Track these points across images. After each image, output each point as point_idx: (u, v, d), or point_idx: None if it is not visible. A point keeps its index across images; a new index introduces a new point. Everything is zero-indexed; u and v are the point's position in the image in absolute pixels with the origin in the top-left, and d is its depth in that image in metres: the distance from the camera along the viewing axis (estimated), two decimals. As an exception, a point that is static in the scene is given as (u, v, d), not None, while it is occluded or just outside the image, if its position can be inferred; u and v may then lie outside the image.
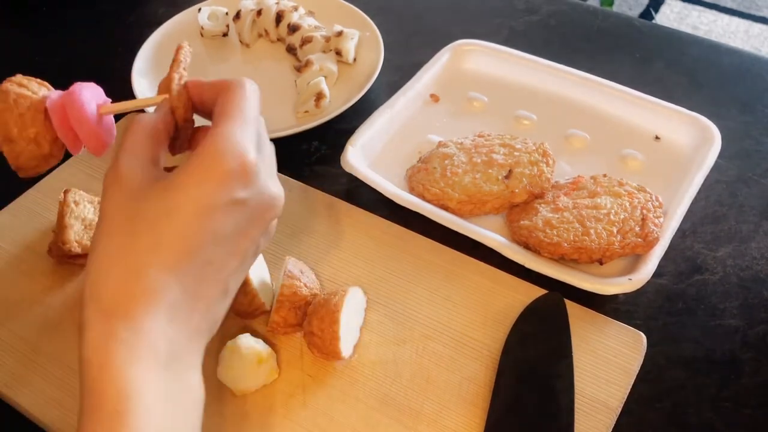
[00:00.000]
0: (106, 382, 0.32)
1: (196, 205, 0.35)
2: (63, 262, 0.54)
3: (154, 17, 0.82)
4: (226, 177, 0.35)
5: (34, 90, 0.42)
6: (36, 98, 0.41)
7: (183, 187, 0.35)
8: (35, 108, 0.40)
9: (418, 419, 0.45)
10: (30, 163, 0.41)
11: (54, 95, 0.41)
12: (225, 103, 0.38)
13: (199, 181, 0.35)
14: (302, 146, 0.66)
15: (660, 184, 0.58)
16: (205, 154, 0.35)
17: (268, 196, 0.37)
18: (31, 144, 0.41)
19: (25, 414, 0.47)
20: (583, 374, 0.47)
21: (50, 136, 0.41)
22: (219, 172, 0.35)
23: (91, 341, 0.33)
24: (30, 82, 0.42)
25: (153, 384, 0.32)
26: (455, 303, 0.51)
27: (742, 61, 0.74)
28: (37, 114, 0.40)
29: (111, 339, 0.32)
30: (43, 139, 0.41)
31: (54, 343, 0.50)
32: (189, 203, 0.34)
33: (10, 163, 0.41)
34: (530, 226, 0.54)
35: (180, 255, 0.34)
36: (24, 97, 0.41)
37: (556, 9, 0.81)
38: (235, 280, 0.39)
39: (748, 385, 0.48)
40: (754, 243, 0.57)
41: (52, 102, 0.41)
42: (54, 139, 0.41)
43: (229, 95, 0.38)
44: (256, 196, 0.36)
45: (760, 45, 2.00)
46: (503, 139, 0.61)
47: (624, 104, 0.65)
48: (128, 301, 0.33)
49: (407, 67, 0.70)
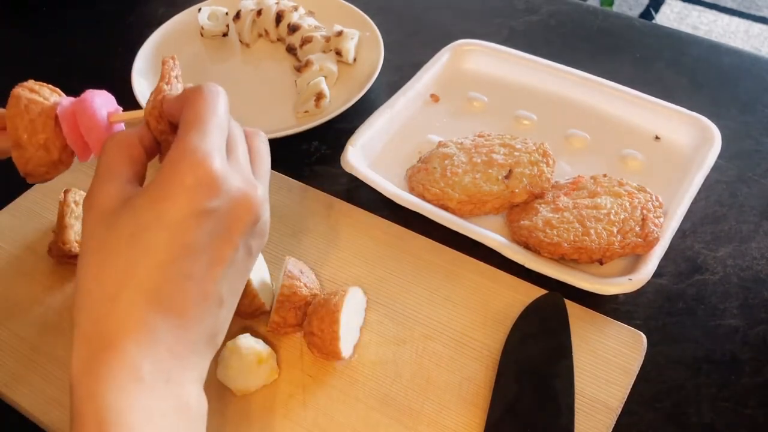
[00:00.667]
0: (87, 407, 0.32)
1: (162, 222, 0.34)
2: (63, 262, 0.54)
3: (154, 17, 0.82)
4: (189, 189, 0.34)
5: (45, 96, 0.41)
6: (47, 104, 0.41)
7: (147, 205, 0.35)
8: (46, 114, 0.40)
9: (418, 419, 0.45)
10: (39, 169, 0.41)
11: (65, 102, 0.41)
12: (186, 113, 0.37)
13: (163, 197, 0.34)
14: (302, 146, 0.66)
15: (660, 184, 0.58)
16: (166, 169, 0.35)
17: (242, 199, 0.36)
18: (40, 150, 0.40)
19: (25, 414, 0.47)
20: (583, 374, 0.47)
21: (60, 142, 0.41)
22: (180, 185, 0.34)
23: (75, 365, 0.33)
24: (42, 88, 0.42)
25: (138, 406, 0.32)
26: (455, 303, 0.51)
27: (742, 61, 0.74)
28: (47, 120, 0.40)
29: (92, 363, 0.32)
30: (53, 145, 0.41)
31: (54, 343, 0.50)
32: (154, 221, 0.34)
33: (18, 169, 0.41)
34: (530, 226, 0.54)
35: (153, 274, 0.34)
36: (35, 103, 0.40)
37: (556, 9, 0.81)
38: (230, 288, 0.38)
39: (748, 385, 0.48)
40: (755, 243, 0.57)
41: (63, 109, 0.40)
42: (64, 146, 0.41)
43: (190, 104, 0.37)
44: (228, 202, 0.36)
45: (760, 45, 2.00)
46: (503, 139, 0.61)
47: (624, 104, 0.65)
48: (106, 327, 0.33)
49: (407, 67, 0.70)
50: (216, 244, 0.36)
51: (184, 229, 0.34)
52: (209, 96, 0.38)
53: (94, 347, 0.33)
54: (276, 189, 0.60)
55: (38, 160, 0.41)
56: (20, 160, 0.41)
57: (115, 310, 0.33)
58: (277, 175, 0.61)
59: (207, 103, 0.37)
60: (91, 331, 0.33)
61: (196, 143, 0.35)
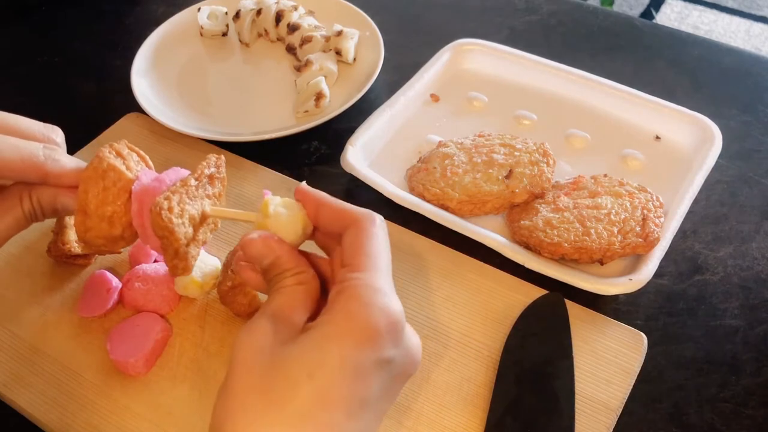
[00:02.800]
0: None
1: (344, 363, 0.30)
2: (62, 262, 0.54)
3: (154, 17, 0.82)
4: (376, 335, 0.31)
5: (129, 165, 0.39)
6: (126, 176, 0.38)
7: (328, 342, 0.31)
8: (122, 187, 0.38)
9: (418, 419, 0.45)
10: (97, 240, 0.39)
11: (145, 179, 0.38)
12: (358, 245, 0.34)
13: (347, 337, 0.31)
14: (302, 146, 0.66)
15: (661, 184, 0.58)
16: (350, 308, 0.31)
17: (414, 349, 0.34)
18: (104, 222, 0.38)
19: (24, 414, 0.47)
20: (584, 374, 0.47)
21: (127, 219, 0.38)
22: (368, 329, 0.31)
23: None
24: (130, 154, 0.40)
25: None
26: (455, 303, 0.51)
27: (743, 60, 0.74)
28: (121, 193, 0.38)
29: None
30: (119, 220, 0.38)
31: (53, 344, 0.50)
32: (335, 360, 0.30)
33: (77, 234, 0.39)
34: (530, 226, 0.54)
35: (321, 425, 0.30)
36: (115, 171, 0.38)
37: (556, 9, 0.81)
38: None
39: (748, 385, 0.48)
40: (755, 243, 0.57)
41: (140, 186, 0.38)
42: (129, 224, 0.38)
43: (361, 234, 0.34)
44: (403, 351, 0.33)
45: (760, 45, 2.00)
46: (503, 138, 0.60)
47: (624, 104, 0.65)
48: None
49: (407, 67, 0.70)
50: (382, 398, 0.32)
51: (365, 376, 0.31)
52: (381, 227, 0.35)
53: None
54: (276, 189, 0.60)
55: (99, 232, 0.38)
56: (81, 226, 0.38)
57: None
58: (276, 175, 0.61)
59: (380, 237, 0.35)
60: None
61: (382, 284, 0.33)
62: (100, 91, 0.74)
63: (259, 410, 0.30)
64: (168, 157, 0.63)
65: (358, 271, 0.33)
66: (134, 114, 0.68)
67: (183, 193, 0.37)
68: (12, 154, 0.37)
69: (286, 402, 0.30)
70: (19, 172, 0.38)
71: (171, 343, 0.49)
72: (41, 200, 0.40)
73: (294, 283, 0.35)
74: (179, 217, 0.37)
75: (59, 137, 0.41)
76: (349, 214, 0.36)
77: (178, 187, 0.37)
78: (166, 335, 0.49)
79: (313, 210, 0.37)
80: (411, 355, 0.34)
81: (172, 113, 0.67)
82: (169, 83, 0.72)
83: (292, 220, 0.37)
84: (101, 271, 0.51)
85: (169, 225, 0.36)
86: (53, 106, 0.73)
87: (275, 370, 0.31)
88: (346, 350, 0.31)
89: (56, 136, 0.41)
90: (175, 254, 0.37)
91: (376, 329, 0.31)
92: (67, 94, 0.74)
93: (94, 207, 0.38)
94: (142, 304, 0.50)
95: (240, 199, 0.59)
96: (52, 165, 0.38)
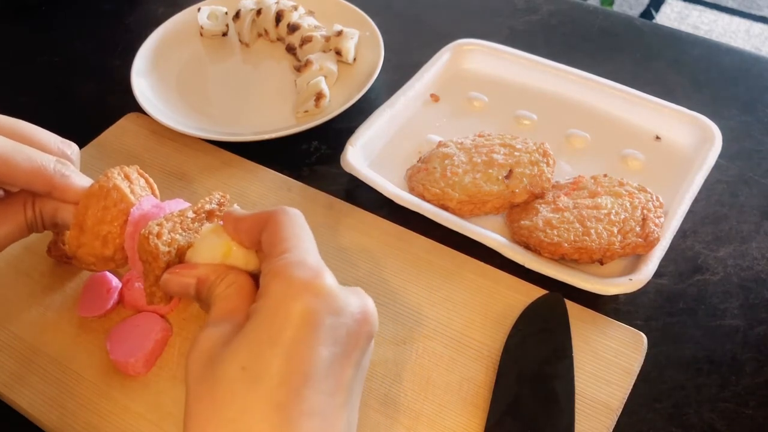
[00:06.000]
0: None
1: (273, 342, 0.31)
2: (62, 262, 0.54)
3: (154, 17, 0.82)
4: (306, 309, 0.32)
5: (134, 190, 0.39)
6: (129, 200, 0.38)
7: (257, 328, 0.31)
8: (122, 209, 0.38)
9: (418, 419, 0.45)
10: (88, 258, 0.39)
11: (146, 205, 0.39)
12: (273, 234, 0.35)
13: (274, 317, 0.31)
14: (302, 146, 0.66)
15: (661, 184, 0.58)
16: (270, 289, 0.32)
17: (355, 308, 0.33)
18: (97, 240, 0.38)
19: (24, 414, 0.47)
20: (584, 375, 0.47)
21: (120, 241, 0.39)
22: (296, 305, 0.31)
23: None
24: (138, 179, 0.40)
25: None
26: (455, 303, 0.51)
27: (743, 60, 0.74)
28: (119, 215, 0.38)
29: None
30: (112, 241, 0.38)
31: (53, 344, 0.50)
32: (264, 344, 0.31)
33: (68, 248, 0.39)
34: (530, 226, 0.54)
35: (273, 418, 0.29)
36: (119, 192, 0.38)
37: (556, 8, 0.81)
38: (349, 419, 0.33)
39: (748, 385, 0.48)
40: (755, 243, 0.57)
41: (137, 211, 0.38)
42: (121, 246, 0.39)
43: (274, 225, 0.35)
44: (349, 320, 0.33)
45: (760, 45, 2.00)
46: (503, 139, 0.60)
47: (624, 104, 0.65)
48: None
49: (407, 67, 0.70)
50: (335, 370, 0.32)
51: (301, 350, 0.31)
52: (295, 216, 0.36)
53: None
54: (276, 189, 0.60)
55: (91, 249, 0.39)
56: (74, 240, 0.39)
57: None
58: (276, 175, 0.61)
59: (295, 222, 0.36)
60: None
61: (301, 258, 0.33)
62: (100, 91, 0.74)
63: (209, 416, 0.30)
64: (168, 157, 0.63)
65: (275, 257, 0.34)
66: (134, 114, 0.68)
67: (177, 223, 0.38)
68: (23, 162, 0.38)
69: (228, 402, 0.30)
70: (27, 181, 0.39)
71: (171, 343, 0.49)
72: (43, 211, 0.41)
73: (224, 287, 0.36)
74: (166, 246, 0.37)
75: (74, 153, 0.42)
76: (263, 216, 0.37)
77: (173, 216, 0.38)
78: (166, 335, 0.49)
79: (232, 227, 0.38)
80: (353, 313, 0.33)
81: (172, 113, 0.67)
82: (169, 83, 0.72)
83: (207, 245, 0.38)
84: (101, 272, 0.51)
85: (154, 250, 0.36)
86: (53, 106, 0.73)
87: (214, 371, 0.31)
88: (275, 329, 0.31)
89: (71, 152, 0.42)
90: (155, 281, 0.37)
91: (302, 304, 0.31)
92: (67, 94, 0.74)
93: (91, 224, 0.38)
94: (142, 304, 0.50)
95: (242, 198, 0.59)
96: (60, 179, 0.39)
